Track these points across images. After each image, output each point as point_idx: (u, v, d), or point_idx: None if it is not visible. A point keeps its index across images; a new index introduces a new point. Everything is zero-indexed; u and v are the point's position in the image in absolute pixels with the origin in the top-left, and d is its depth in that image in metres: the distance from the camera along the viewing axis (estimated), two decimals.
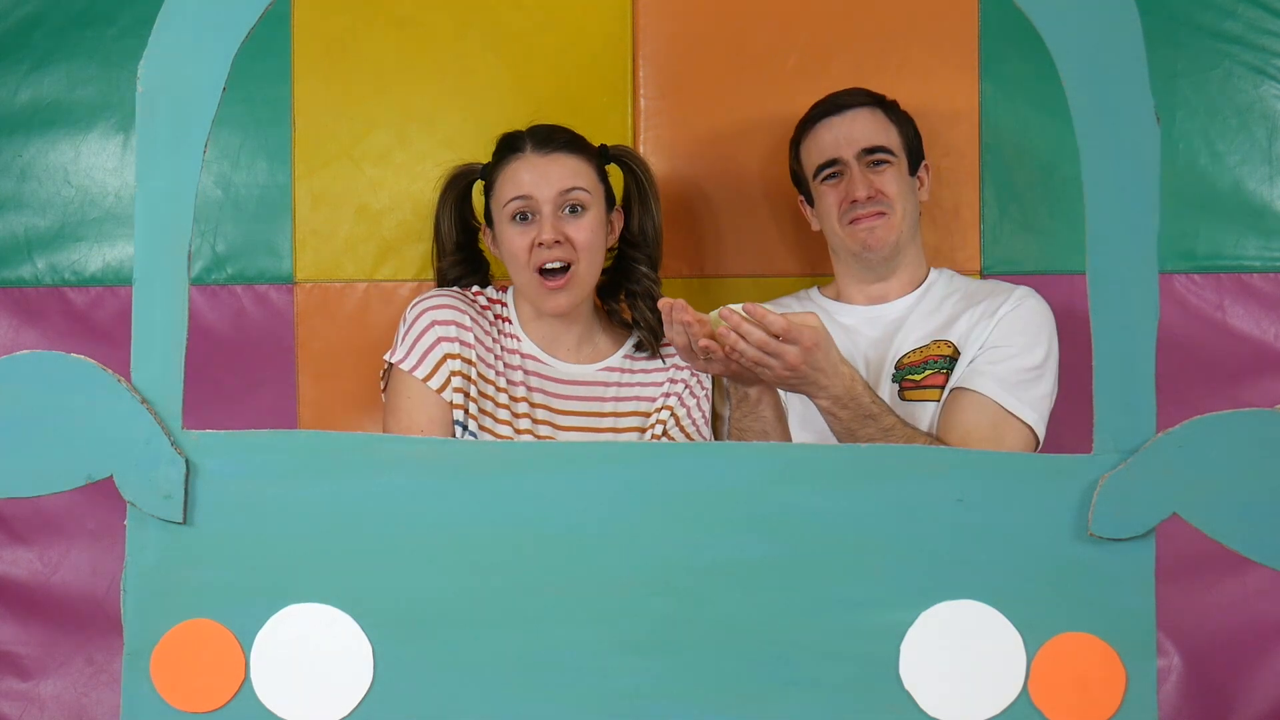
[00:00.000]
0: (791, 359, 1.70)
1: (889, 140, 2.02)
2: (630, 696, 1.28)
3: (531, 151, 1.93)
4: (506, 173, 1.94)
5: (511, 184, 1.93)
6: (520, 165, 1.93)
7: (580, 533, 1.28)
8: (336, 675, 1.29)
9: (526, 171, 1.92)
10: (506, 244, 1.93)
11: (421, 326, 1.91)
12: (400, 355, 1.90)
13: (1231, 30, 2.13)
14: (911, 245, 2.06)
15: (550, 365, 1.97)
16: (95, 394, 1.27)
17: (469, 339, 1.91)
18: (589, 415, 1.96)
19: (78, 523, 2.20)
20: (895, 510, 1.27)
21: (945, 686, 1.26)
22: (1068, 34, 1.23)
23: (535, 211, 1.91)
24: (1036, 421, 1.91)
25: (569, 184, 1.92)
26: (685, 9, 2.20)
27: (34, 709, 2.21)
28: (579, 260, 1.91)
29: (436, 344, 1.90)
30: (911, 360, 1.98)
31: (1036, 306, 1.98)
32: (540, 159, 1.93)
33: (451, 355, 1.89)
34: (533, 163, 1.93)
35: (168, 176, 1.27)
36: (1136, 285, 1.24)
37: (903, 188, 2.02)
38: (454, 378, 1.89)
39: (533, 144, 1.94)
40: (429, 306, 1.92)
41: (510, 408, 1.94)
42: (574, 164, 1.94)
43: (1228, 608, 2.14)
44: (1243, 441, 1.23)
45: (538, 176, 1.92)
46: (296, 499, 1.29)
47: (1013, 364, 1.92)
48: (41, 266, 2.21)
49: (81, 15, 2.18)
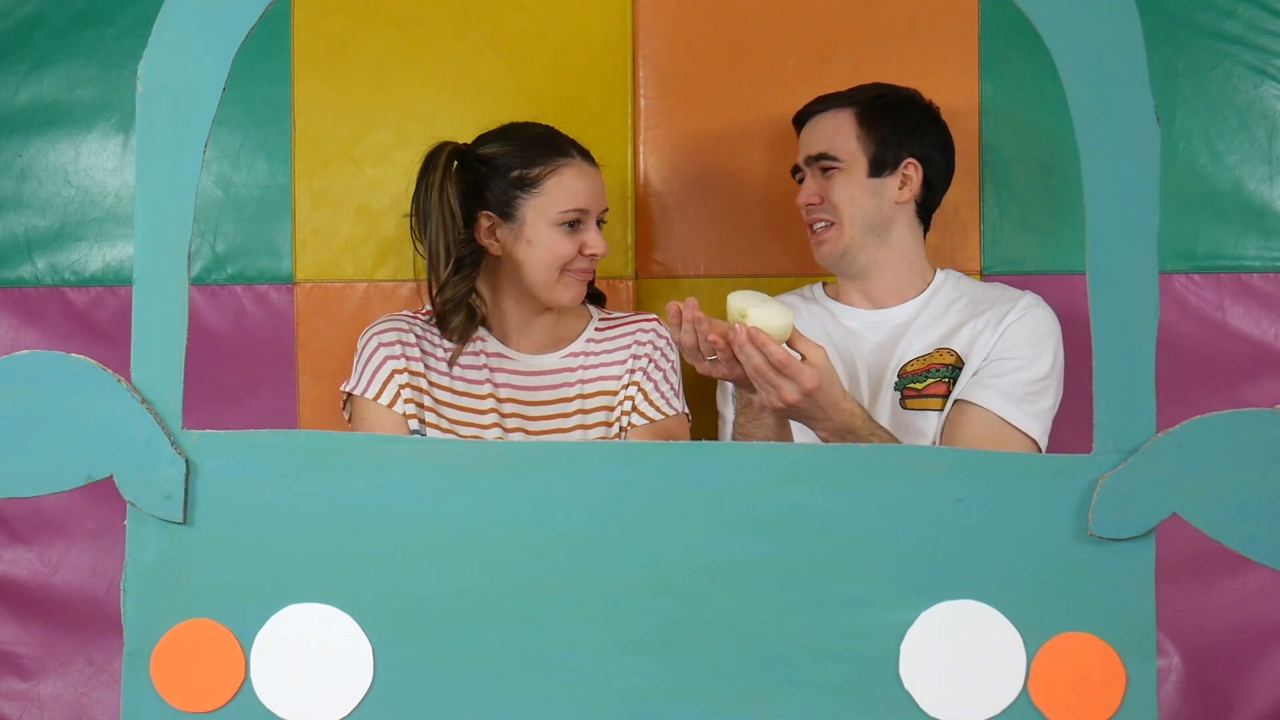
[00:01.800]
0: (788, 395, 1.66)
1: (837, 146, 1.99)
2: (630, 696, 1.27)
3: (582, 161, 1.97)
4: (563, 178, 1.94)
5: (573, 193, 1.94)
6: (576, 174, 1.95)
7: (580, 533, 1.28)
8: (336, 675, 1.29)
9: (584, 182, 1.95)
10: (551, 245, 1.94)
11: (369, 351, 1.97)
12: (353, 383, 1.97)
13: (1231, 30, 2.13)
14: (880, 250, 2.01)
15: (515, 359, 2.00)
16: (95, 394, 1.27)
17: (414, 353, 1.96)
18: (557, 402, 1.99)
19: (78, 523, 2.20)
20: (895, 510, 1.27)
21: (945, 686, 1.26)
22: (1068, 34, 1.23)
23: (584, 221, 1.96)
24: (1040, 435, 1.90)
25: (607, 203, 2.00)
26: (685, 9, 2.20)
27: (34, 709, 2.21)
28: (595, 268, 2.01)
29: (384, 363, 1.95)
30: (914, 369, 1.97)
31: (1043, 316, 1.96)
32: (591, 170, 1.97)
33: (398, 370, 1.95)
34: (587, 174, 1.96)
35: (168, 176, 1.27)
36: (1136, 285, 1.23)
37: (853, 193, 1.98)
38: (403, 390, 1.94)
39: (579, 153, 1.97)
40: (374, 332, 1.98)
41: (472, 408, 1.96)
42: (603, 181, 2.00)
43: (1228, 608, 2.14)
44: (1243, 441, 1.23)
45: (593, 190, 1.96)
46: (296, 499, 1.29)
47: (1018, 376, 1.90)
48: (41, 266, 2.21)
49: (81, 15, 2.18)
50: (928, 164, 2.02)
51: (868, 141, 1.99)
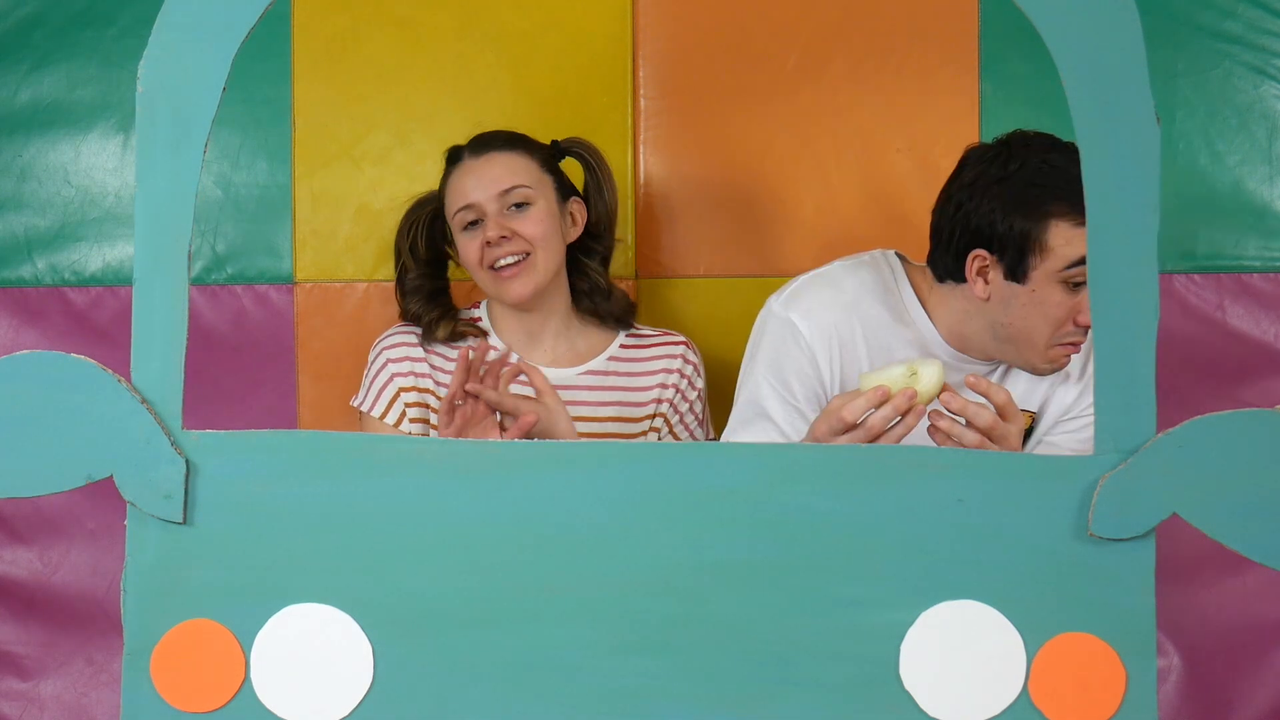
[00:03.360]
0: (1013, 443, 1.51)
1: None
2: (630, 696, 1.27)
3: (469, 158, 1.97)
4: (450, 185, 1.98)
5: (456, 194, 1.96)
6: (460, 174, 1.97)
7: (580, 533, 1.28)
8: (336, 675, 1.29)
9: (466, 178, 1.96)
10: (463, 254, 1.97)
11: (377, 367, 1.99)
12: (360, 398, 2.00)
13: (1231, 30, 2.13)
14: None
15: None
16: (95, 394, 1.27)
17: (422, 368, 1.97)
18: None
19: (78, 523, 2.20)
20: (895, 510, 1.27)
21: (945, 687, 1.26)
22: (1068, 34, 1.23)
23: (482, 216, 1.94)
24: None
25: (508, 183, 1.94)
26: (685, 9, 2.20)
27: (34, 709, 2.21)
28: (534, 250, 1.93)
29: (390, 380, 1.97)
30: None
31: None
32: (477, 163, 1.96)
33: (405, 389, 1.96)
34: (470, 168, 1.96)
35: (168, 176, 1.27)
36: (1136, 285, 1.23)
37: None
38: (409, 409, 1.96)
39: (469, 151, 1.98)
40: (383, 346, 1.99)
41: None
42: (511, 161, 1.96)
43: (1228, 608, 2.14)
44: (1243, 441, 1.23)
45: (476, 180, 1.95)
46: (296, 499, 1.29)
47: (1090, 431, 1.78)
48: (41, 266, 2.21)
49: (81, 15, 2.18)
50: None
51: None
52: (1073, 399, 1.81)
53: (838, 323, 1.79)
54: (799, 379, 1.78)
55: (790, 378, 1.78)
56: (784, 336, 1.80)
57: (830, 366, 1.78)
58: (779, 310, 1.81)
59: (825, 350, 1.78)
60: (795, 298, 1.82)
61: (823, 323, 1.79)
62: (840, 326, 1.79)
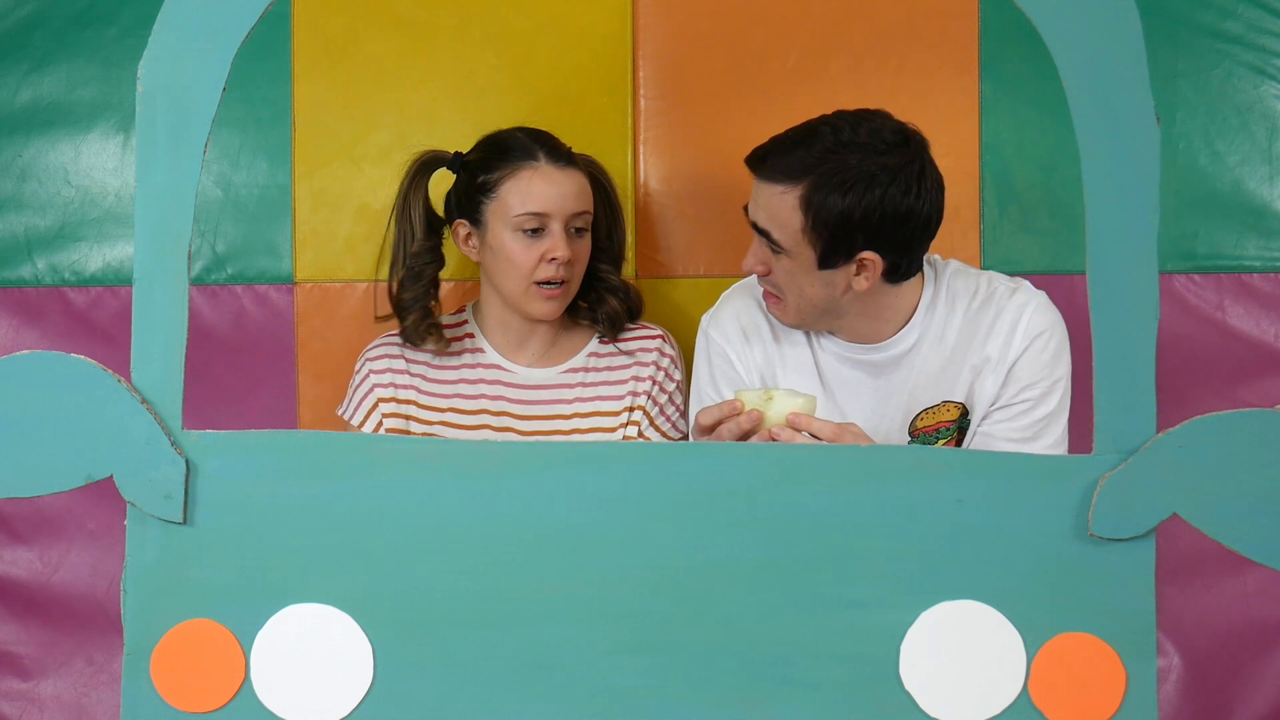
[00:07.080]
0: None
1: (781, 232, 1.75)
2: (630, 696, 1.28)
3: (547, 163, 1.91)
4: (520, 182, 1.91)
5: (527, 197, 1.90)
6: (536, 178, 1.91)
7: (580, 533, 1.28)
8: (336, 675, 1.29)
9: (544, 185, 1.90)
10: (511, 253, 1.91)
11: (360, 377, 2.01)
12: (344, 407, 2.02)
13: (1231, 30, 2.13)
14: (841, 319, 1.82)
15: (513, 372, 1.99)
16: (95, 394, 1.27)
17: (403, 380, 1.98)
18: (552, 419, 1.98)
19: (78, 523, 2.20)
20: (895, 510, 1.27)
21: (945, 687, 1.26)
22: (1068, 34, 1.23)
23: (545, 226, 1.91)
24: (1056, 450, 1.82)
25: (582, 207, 1.93)
26: (685, 9, 2.20)
27: (34, 709, 2.21)
28: (573, 278, 1.94)
29: (371, 390, 1.98)
30: (924, 425, 1.85)
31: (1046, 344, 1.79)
32: (557, 173, 1.91)
33: (384, 399, 1.97)
34: (550, 177, 1.91)
35: (168, 176, 1.27)
36: (1136, 285, 1.24)
37: (800, 282, 1.77)
38: (386, 419, 1.96)
39: (547, 155, 1.92)
40: (367, 358, 2.01)
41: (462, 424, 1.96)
42: (583, 183, 1.94)
43: (1228, 608, 2.14)
44: (1243, 441, 1.23)
45: (556, 194, 1.90)
46: (296, 499, 1.29)
47: (1027, 419, 1.81)
48: (41, 266, 2.21)
49: (81, 15, 2.18)
50: (889, 250, 1.74)
51: (814, 236, 1.71)
52: (997, 387, 1.82)
53: (738, 311, 1.91)
54: (726, 382, 1.88)
55: (722, 386, 1.88)
56: (703, 349, 1.92)
57: (741, 357, 1.89)
58: (701, 326, 1.94)
59: (737, 342, 1.89)
60: (713, 310, 1.95)
61: (723, 318, 1.91)
62: (740, 314, 1.90)
